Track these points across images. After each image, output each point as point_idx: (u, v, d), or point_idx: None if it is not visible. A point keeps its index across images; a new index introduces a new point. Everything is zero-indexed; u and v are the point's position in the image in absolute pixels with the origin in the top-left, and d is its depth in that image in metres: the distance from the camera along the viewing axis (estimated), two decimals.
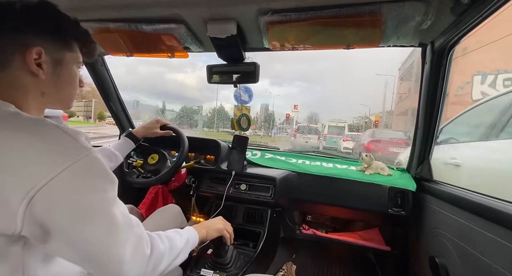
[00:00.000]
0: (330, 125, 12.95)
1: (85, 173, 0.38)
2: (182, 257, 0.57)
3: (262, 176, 1.20)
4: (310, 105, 61.74)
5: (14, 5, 0.43)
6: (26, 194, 0.34)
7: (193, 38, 0.89)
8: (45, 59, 0.45)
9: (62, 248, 0.39)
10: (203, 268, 0.93)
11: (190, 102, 60.52)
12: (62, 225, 0.37)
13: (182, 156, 1.08)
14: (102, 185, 0.40)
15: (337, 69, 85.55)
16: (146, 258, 0.46)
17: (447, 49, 0.84)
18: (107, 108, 1.41)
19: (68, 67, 0.50)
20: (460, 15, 0.65)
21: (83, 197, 0.38)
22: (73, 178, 0.37)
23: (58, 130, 0.39)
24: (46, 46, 0.45)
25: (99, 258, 0.40)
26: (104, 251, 0.40)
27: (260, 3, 0.68)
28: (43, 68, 0.45)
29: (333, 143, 11.28)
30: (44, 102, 0.49)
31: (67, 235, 0.38)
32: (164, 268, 0.51)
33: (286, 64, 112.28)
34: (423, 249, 1.02)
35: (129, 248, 0.42)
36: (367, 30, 0.75)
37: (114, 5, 0.74)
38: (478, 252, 0.69)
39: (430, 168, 1.07)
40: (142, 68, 66.09)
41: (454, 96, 7.40)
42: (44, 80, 0.46)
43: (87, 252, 0.39)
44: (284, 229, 1.35)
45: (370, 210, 1.19)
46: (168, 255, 0.53)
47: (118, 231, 0.41)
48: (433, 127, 0.99)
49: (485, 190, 0.76)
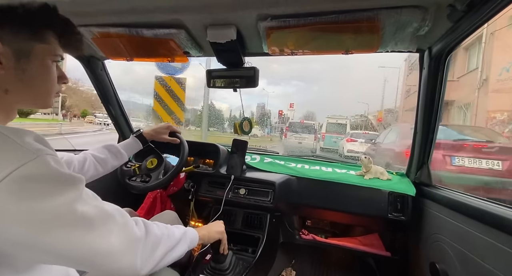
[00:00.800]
0: (329, 122, 10.77)
1: (32, 179, 0.33)
2: (180, 248, 0.56)
3: (261, 180, 1.20)
4: (306, 104, 61.51)
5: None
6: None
7: (193, 43, 0.90)
8: (3, 51, 0.40)
9: (41, 258, 0.36)
10: (201, 274, 0.92)
11: (187, 101, 60.41)
12: (24, 240, 0.33)
13: (182, 162, 1.08)
14: (56, 189, 0.35)
15: (335, 64, 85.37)
16: (139, 241, 0.44)
17: (445, 54, 0.85)
18: (106, 111, 1.41)
19: (38, 60, 0.44)
20: (457, 22, 0.66)
21: (35, 206, 0.33)
22: (18, 185, 0.32)
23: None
24: (4, 36, 0.40)
25: (86, 258, 0.38)
26: (88, 251, 0.37)
27: (259, 9, 0.69)
28: (1, 61, 0.40)
29: (333, 144, 9.69)
30: (10, 100, 0.43)
31: (36, 247, 0.34)
32: (162, 254, 0.50)
33: (283, 64, 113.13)
34: (423, 255, 1.01)
35: (115, 238, 0.40)
36: (365, 36, 0.76)
37: (115, 11, 0.75)
38: (479, 257, 0.68)
39: (429, 172, 1.07)
40: (136, 67, 65.74)
41: (497, 81, 5.49)
42: (7, 76, 0.41)
43: (70, 256, 0.37)
44: (283, 234, 1.34)
45: (369, 215, 1.18)
46: (165, 241, 0.52)
47: (94, 227, 0.38)
48: (431, 132, 1.00)
49: None
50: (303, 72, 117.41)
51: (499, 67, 5.48)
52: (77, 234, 0.36)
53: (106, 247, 0.39)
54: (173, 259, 0.55)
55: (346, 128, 10.39)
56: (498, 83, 5.43)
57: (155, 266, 0.49)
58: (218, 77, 0.99)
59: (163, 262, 0.51)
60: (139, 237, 0.45)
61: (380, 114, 14.61)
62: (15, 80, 0.42)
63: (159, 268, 0.50)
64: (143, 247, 0.45)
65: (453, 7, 0.62)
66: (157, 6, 0.71)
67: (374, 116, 15.68)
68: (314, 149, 9.68)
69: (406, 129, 4.15)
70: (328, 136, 10.27)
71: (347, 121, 10.85)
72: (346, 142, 7.74)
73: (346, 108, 47.50)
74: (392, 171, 1.28)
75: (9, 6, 0.40)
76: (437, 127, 0.99)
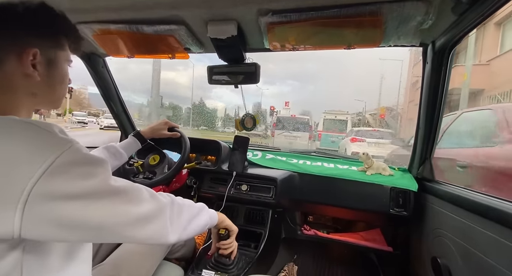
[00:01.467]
0: (326, 118, 9.12)
1: (73, 162, 0.38)
2: (202, 218, 0.63)
3: (263, 176, 1.20)
4: (302, 103, 60.60)
5: (15, 7, 0.43)
6: (19, 196, 0.33)
7: (194, 39, 0.90)
8: (39, 60, 0.45)
9: (85, 234, 0.40)
10: (204, 268, 0.93)
11: (181, 100, 59.96)
12: (74, 217, 0.37)
13: (184, 158, 1.08)
14: (91, 170, 0.40)
15: (331, 61, 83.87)
16: (166, 206, 0.51)
17: (448, 48, 0.84)
18: (108, 109, 1.42)
19: (59, 66, 0.49)
20: (461, 15, 0.65)
21: (79, 185, 0.38)
22: (63, 169, 0.36)
23: (34, 126, 0.38)
24: (41, 46, 0.44)
25: (125, 226, 0.42)
26: (127, 217, 0.42)
27: (260, 4, 0.68)
28: (38, 69, 0.45)
29: (331, 144, 8.31)
30: (35, 103, 0.48)
31: (83, 224, 0.38)
32: (187, 220, 0.57)
33: (278, 63, 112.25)
34: (425, 250, 1.01)
35: (147, 204, 0.46)
36: (367, 30, 0.75)
37: (115, 7, 0.74)
38: (481, 252, 0.68)
39: (431, 168, 1.07)
40: (132, 65, 65.31)
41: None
42: (37, 82, 0.45)
43: (112, 226, 0.41)
44: (285, 230, 1.35)
45: (371, 211, 1.18)
46: (188, 209, 0.59)
47: (129, 196, 0.44)
48: (434, 127, 0.99)
49: None
50: (298, 71, 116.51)
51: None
52: (118, 203, 0.42)
53: (142, 212, 0.45)
54: (197, 226, 0.61)
55: (347, 125, 8.94)
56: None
57: (182, 231, 0.55)
58: (219, 73, 0.99)
59: (189, 229, 0.57)
60: (165, 203, 0.51)
61: (382, 110, 13.21)
62: (43, 85, 0.47)
63: (186, 237, 0.56)
64: (170, 212, 0.52)
65: (457, 0, 0.61)
66: (157, 2, 0.71)
67: (371, 115, 14.58)
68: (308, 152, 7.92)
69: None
70: (325, 135, 8.74)
71: (347, 117, 9.22)
72: (350, 142, 6.49)
73: (343, 106, 46.91)
74: (394, 166, 1.27)
75: (46, 18, 0.46)
76: (440, 123, 0.98)
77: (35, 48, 0.43)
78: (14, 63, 0.43)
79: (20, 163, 0.35)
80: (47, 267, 0.42)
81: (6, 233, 0.34)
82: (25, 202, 0.34)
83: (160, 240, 0.49)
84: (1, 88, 0.43)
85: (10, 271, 0.37)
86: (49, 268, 0.42)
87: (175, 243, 0.57)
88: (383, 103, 16.51)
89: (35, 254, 0.40)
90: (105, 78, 1.29)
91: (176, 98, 76.00)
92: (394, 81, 14.51)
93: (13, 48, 0.42)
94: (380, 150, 5.65)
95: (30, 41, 0.44)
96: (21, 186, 0.34)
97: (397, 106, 14.78)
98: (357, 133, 6.94)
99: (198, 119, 17.89)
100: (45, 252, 0.41)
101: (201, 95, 55.62)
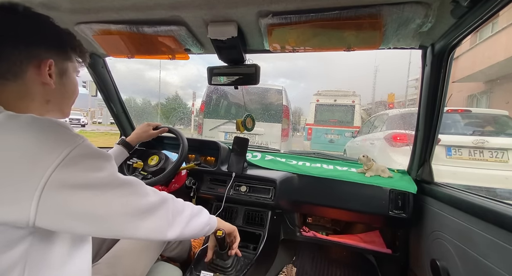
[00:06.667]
0: (319, 104, 5.87)
1: (85, 155, 0.42)
2: (202, 218, 0.67)
3: (262, 178, 1.20)
4: (294, 100, 59.99)
5: (27, 21, 0.48)
6: (37, 185, 0.36)
7: (194, 40, 0.90)
8: (54, 70, 0.50)
9: (90, 225, 0.42)
10: (203, 270, 0.92)
11: (174, 99, 58.84)
12: (82, 205, 0.40)
13: (182, 156, 1.08)
14: (101, 164, 0.44)
15: (322, 59, 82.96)
16: (167, 200, 0.55)
17: (447, 51, 0.84)
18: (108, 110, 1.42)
19: (70, 76, 0.54)
20: (460, 18, 0.65)
21: (91, 176, 0.41)
22: (76, 161, 0.40)
23: (53, 122, 0.42)
24: (54, 58, 0.50)
25: (130, 218, 0.46)
26: (132, 209, 0.46)
27: (260, 5, 0.68)
28: (53, 78, 0.50)
29: (327, 145, 5.53)
30: (47, 109, 0.52)
31: (90, 213, 0.41)
32: (187, 217, 0.60)
33: (269, 62, 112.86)
34: (424, 252, 1.01)
35: (151, 197, 0.50)
36: (367, 33, 0.75)
37: (115, 7, 0.74)
38: (480, 255, 0.68)
39: (431, 170, 1.07)
40: (120, 65, 64.40)
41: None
42: (53, 89, 0.50)
43: (115, 217, 0.44)
44: (284, 231, 1.35)
45: (370, 212, 1.18)
46: (188, 207, 0.63)
47: (134, 188, 0.47)
48: (433, 129, 0.99)
49: None
50: (290, 70, 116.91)
51: None
52: (124, 194, 0.45)
53: (146, 204, 0.48)
54: (197, 225, 0.64)
55: (354, 114, 5.62)
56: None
57: (183, 227, 0.57)
58: (219, 74, 0.99)
59: (190, 226, 0.60)
60: (168, 197, 0.56)
61: (390, 98, 10.79)
62: (57, 94, 0.52)
63: (186, 233, 0.58)
64: (173, 206, 0.56)
65: (456, 3, 0.61)
66: (157, 3, 0.71)
67: (365, 110, 13.35)
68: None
69: None
70: (319, 130, 5.61)
71: (355, 100, 5.70)
72: (394, 142, 2.91)
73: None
74: (394, 168, 1.27)
75: (56, 32, 0.52)
76: (439, 125, 0.98)
77: (50, 59, 0.49)
78: (34, 74, 0.47)
79: (40, 154, 0.38)
80: (48, 263, 0.43)
81: (23, 220, 0.37)
82: (42, 190, 0.37)
83: (161, 235, 0.51)
84: (21, 96, 0.47)
85: (15, 262, 0.39)
86: (50, 264, 0.44)
87: (173, 240, 0.59)
88: (377, 98, 16.07)
89: (39, 249, 0.42)
90: (105, 78, 1.29)
91: (169, 97, 75.27)
92: (389, 74, 13.84)
93: (31, 60, 0.47)
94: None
95: (44, 53, 0.49)
96: (39, 175, 0.37)
97: (405, 95, 14.46)
98: (397, 122, 3.21)
99: (171, 116, 15.66)
100: (48, 248, 0.43)
101: (191, 93, 55.03)
